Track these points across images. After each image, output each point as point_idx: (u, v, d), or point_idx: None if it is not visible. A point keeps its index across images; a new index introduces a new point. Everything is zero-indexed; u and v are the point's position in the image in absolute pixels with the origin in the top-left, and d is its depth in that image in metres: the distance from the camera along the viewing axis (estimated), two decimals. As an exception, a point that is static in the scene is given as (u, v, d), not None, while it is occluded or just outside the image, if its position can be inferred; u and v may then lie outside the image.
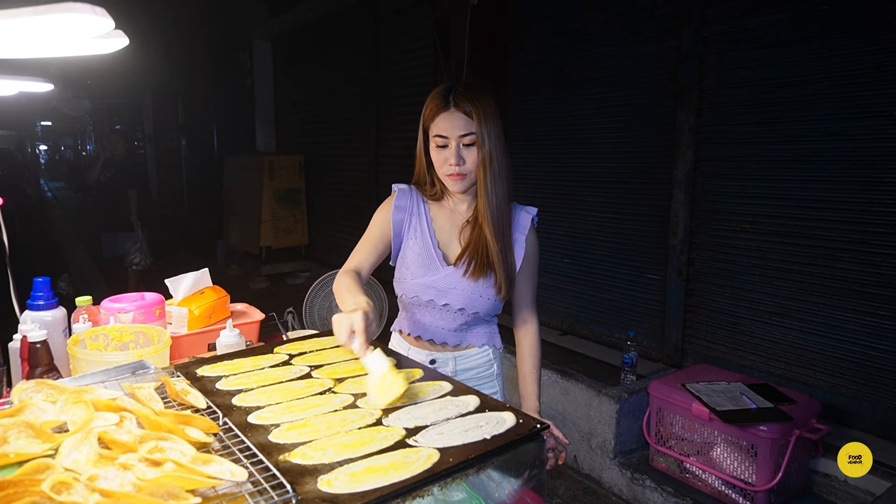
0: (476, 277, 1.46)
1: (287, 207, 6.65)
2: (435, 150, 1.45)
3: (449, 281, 1.49)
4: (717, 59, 2.90)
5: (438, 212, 1.56)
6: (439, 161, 1.45)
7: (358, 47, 5.70)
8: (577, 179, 3.66)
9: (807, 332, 2.66)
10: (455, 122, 1.40)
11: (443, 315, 1.53)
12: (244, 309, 1.97)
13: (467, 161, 1.42)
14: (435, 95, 1.44)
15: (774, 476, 2.25)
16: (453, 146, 1.41)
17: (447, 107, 1.40)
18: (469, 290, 1.48)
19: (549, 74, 3.77)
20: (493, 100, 1.43)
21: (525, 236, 1.52)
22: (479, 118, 1.38)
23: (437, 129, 1.42)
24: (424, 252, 1.51)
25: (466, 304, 1.49)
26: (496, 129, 1.41)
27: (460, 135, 1.40)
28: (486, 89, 1.44)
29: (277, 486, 0.82)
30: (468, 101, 1.39)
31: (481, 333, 1.58)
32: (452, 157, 1.41)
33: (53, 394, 1.02)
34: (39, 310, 1.54)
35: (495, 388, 1.62)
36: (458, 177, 1.43)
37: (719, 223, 2.96)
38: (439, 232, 1.54)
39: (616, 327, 3.51)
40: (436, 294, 1.50)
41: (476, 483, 1.05)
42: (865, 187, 2.45)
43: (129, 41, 0.93)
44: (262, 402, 1.10)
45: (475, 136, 1.39)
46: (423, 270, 1.51)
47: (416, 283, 1.51)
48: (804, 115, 2.60)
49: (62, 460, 0.82)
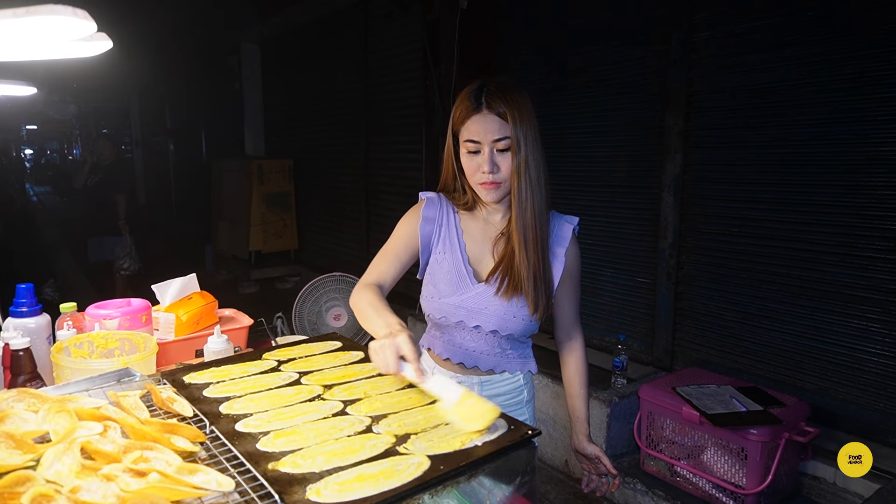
0: (509, 296, 1.33)
1: (276, 211, 6.62)
2: (466, 156, 1.31)
3: (480, 300, 1.36)
4: (705, 63, 2.92)
5: (470, 223, 1.42)
6: (471, 169, 1.31)
7: (347, 51, 5.69)
8: (567, 183, 3.66)
9: (795, 335, 2.68)
10: (488, 125, 1.26)
11: (474, 337, 1.40)
12: (232, 314, 1.95)
13: (502, 168, 1.28)
14: (465, 96, 1.30)
15: (764, 479, 2.25)
16: (486, 152, 1.27)
17: (479, 108, 1.27)
18: (502, 311, 1.35)
19: (539, 78, 3.78)
20: (528, 99, 1.29)
21: (565, 249, 1.38)
22: (515, 120, 1.25)
23: (468, 134, 1.29)
24: (454, 269, 1.39)
25: (499, 326, 1.37)
26: (533, 131, 1.27)
27: (494, 139, 1.26)
28: (521, 88, 1.30)
29: (265, 495, 0.81)
30: (502, 101, 1.25)
31: (515, 358, 1.45)
32: (486, 164, 1.27)
33: (35, 403, 1.00)
34: (22, 316, 1.51)
35: (525, 415, 1.48)
36: (493, 185, 1.30)
37: (708, 227, 2.98)
38: (471, 246, 1.41)
39: (606, 331, 3.51)
40: (466, 315, 1.38)
41: (467, 490, 1.04)
42: (852, 191, 2.47)
43: (112, 44, 0.92)
44: (251, 409, 1.08)
45: (510, 140, 1.26)
46: (452, 289, 1.38)
47: (445, 302, 1.39)
48: (791, 119, 2.62)
49: (44, 472, 0.80)
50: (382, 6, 5.05)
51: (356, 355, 1.36)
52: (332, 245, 6.35)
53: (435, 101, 4.10)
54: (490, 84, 1.29)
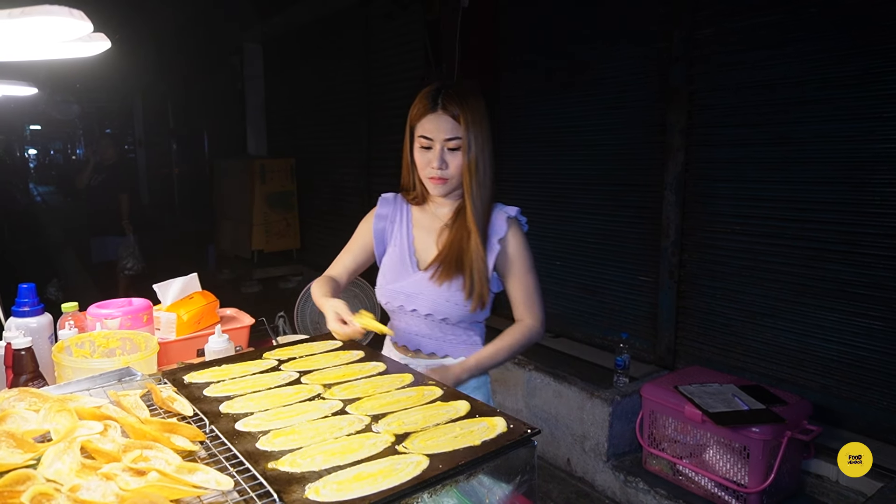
0: (441, 281, 1.43)
1: (278, 211, 6.63)
2: (419, 150, 1.43)
3: (417, 286, 1.47)
4: (707, 61, 2.91)
5: (420, 216, 1.55)
6: (422, 162, 1.43)
7: (348, 51, 5.69)
8: (569, 182, 3.66)
9: (798, 334, 2.67)
10: (441, 124, 1.38)
11: (414, 321, 1.51)
12: (234, 314, 1.95)
13: (450, 165, 1.40)
14: (423, 96, 1.42)
15: (767, 477, 2.25)
16: (437, 149, 1.39)
17: (434, 108, 1.39)
18: (435, 295, 1.45)
19: (540, 77, 3.77)
20: (482, 104, 1.41)
21: (499, 238, 1.46)
22: (467, 122, 1.37)
23: (422, 130, 1.41)
24: (399, 258, 1.51)
25: (433, 310, 1.46)
26: (483, 134, 1.40)
27: (446, 138, 1.38)
28: (477, 93, 1.43)
29: (264, 494, 0.81)
30: (457, 104, 1.37)
31: (457, 343, 1.51)
32: (435, 161, 1.40)
33: (36, 402, 1.01)
34: (24, 316, 1.52)
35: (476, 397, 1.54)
36: (440, 181, 1.42)
37: (710, 225, 2.97)
38: (419, 237, 1.53)
39: (608, 330, 3.51)
40: (405, 299, 1.49)
41: (467, 489, 1.04)
42: (856, 189, 2.46)
43: (111, 44, 0.92)
44: (250, 408, 1.08)
45: (461, 140, 1.38)
46: (394, 276, 1.51)
47: (388, 288, 1.51)
48: (794, 117, 2.61)
49: (44, 471, 0.80)
50: (383, 6, 5.05)
51: (356, 354, 1.36)
52: (334, 244, 6.30)
53: (437, 101, 4.10)
54: (447, 87, 1.40)
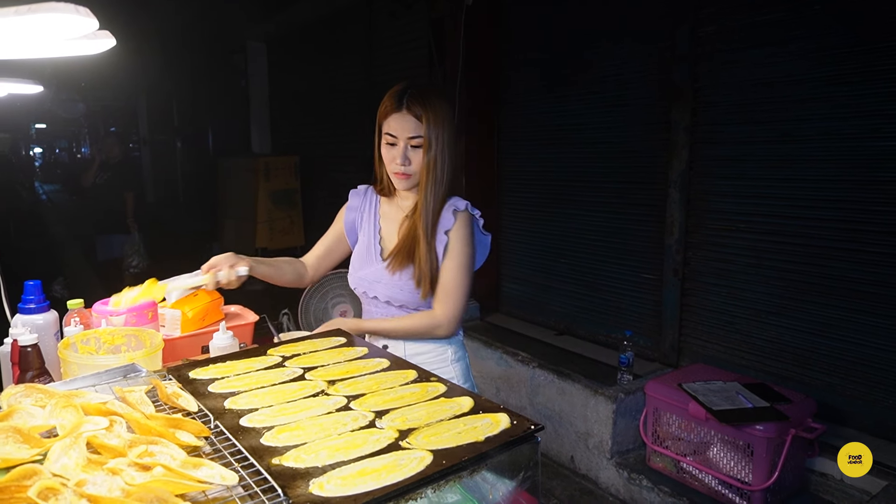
0: (395, 270, 1.55)
1: (282, 209, 6.63)
2: (385, 147, 1.53)
3: (377, 274, 1.59)
4: (710, 58, 2.90)
5: (388, 208, 1.66)
6: (388, 158, 1.54)
7: (352, 49, 5.69)
8: (573, 179, 3.65)
9: (803, 332, 2.66)
10: (405, 123, 1.48)
11: (376, 306, 1.63)
12: (238, 311, 1.96)
13: (413, 162, 1.50)
14: (391, 95, 1.51)
15: (771, 475, 2.25)
16: (401, 146, 1.49)
17: (399, 108, 1.48)
18: (390, 283, 1.56)
19: (544, 74, 3.76)
20: (446, 105, 1.51)
21: (446, 230, 1.55)
22: (429, 122, 1.46)
23: (388, 128, 1.51)
24: (366, 247, 1.64)
25: (390, 297, 1.58)
26: (445, 134, 1.49)
27: (409, 136, 1.48)
28: (442, 95, 1.53)
29: (268, 489, 0.81)
30: (420, 105, 1.46)
31: None
32: (399, 157, 1.50)
33: (43, 398, 1.01)
34: (30, 313, 1.52)
35: (450, 374, 1.60)
36: (404, 176, 1.52)
37: (715, 223, 2.96)
38: (385, 227, 1.65)
39: (612, 327, 3.50)
40: (367, 286, 1.61)
41: (470, 485, 1.05)
42: (860, 186, 2.45)
43: (116, 42, 0.92)
44: (255, 404, 1.09)
45: (423, 139, 1.48)
46: (360, 264, 1.64)
47: (355, 276, 1.64)
48: (798, 114, 2.60)
49: (50, 466, 0.80)
50: (387, 4, 5.05)
51: (360, 351, 1.37)
52: (338, 242, 6.35)
53: (440, 98, 4.09)
54: (413, 88, 1.49)
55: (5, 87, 1.73)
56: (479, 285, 4.09)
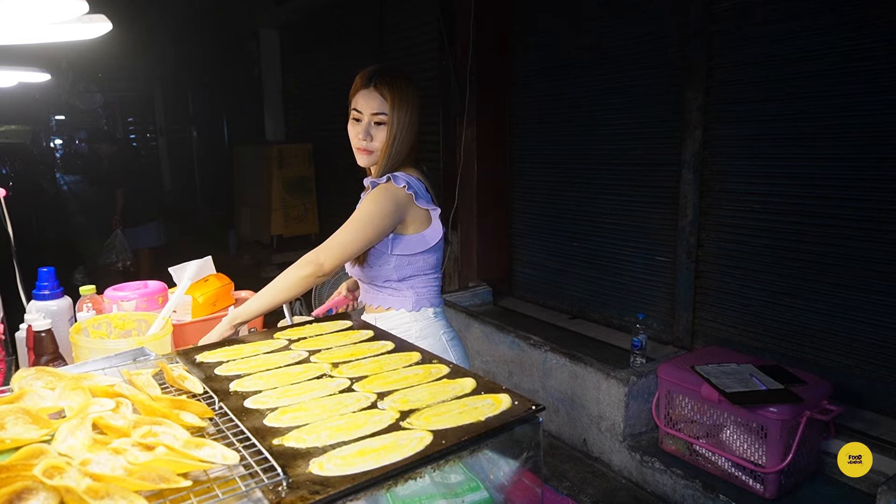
0: None
1: (297, 196, 6.66)
2: (351, 122, 1.59)
3: None
4: (726, 36, 2.83)
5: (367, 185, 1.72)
6: (352, 134, 1.59)
7: (363, 34, 5.66)
8: (585, 161, 3.62)
9: (819, 313, 2.62)
10: (371, 100, 1.54)
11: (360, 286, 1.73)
12: (248, 296, 1.97)
13: (375, 139, 1.56)
14: (362, 74, 1.57)
15: (785, 457, 2.23)
16: (365, 122, 1.55)
17: (367, 86, 1.54)
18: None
19: (556, 55, 3.72)
20: (414, 90, 1.57)
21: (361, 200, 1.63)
22: (394, 103, 1.53)
23: (355, 104, 1.57)
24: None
25: (356, 274, 1.69)
26: (408, 116, 1.55)
27: (372, 112, 1.54)
28: (409, 79, 1.59)
29: (269, 469, 0.82)
30: (387, 85, 1.52)
31: (384, 297, 1.67)
32: (361, 132, 1.56)
33: (53, 381, 1.03)
34: (45, 299, 1.56)
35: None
36: (365, 152, 1.58)
37: (729, 204, 2.92)
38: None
39: (626, 310, 3.48)
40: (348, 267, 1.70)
41: (474, 465, 1.05)
42: (879, 164, 2.39)
43: (111, 25, 0.92)
44: (260, 386, 1.10)
45: (386, 117, 1.53)
46: None
47: None
48: (815, 91, 2.54)
49: (57, 446, 0.82)
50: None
51: (366, 334, 1.38)
52: (352, 228, 6.37)
53: (451, 82, 4.06)
54: (383, 69, 1.56)
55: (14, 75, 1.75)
56: (491, 269, 4.09)
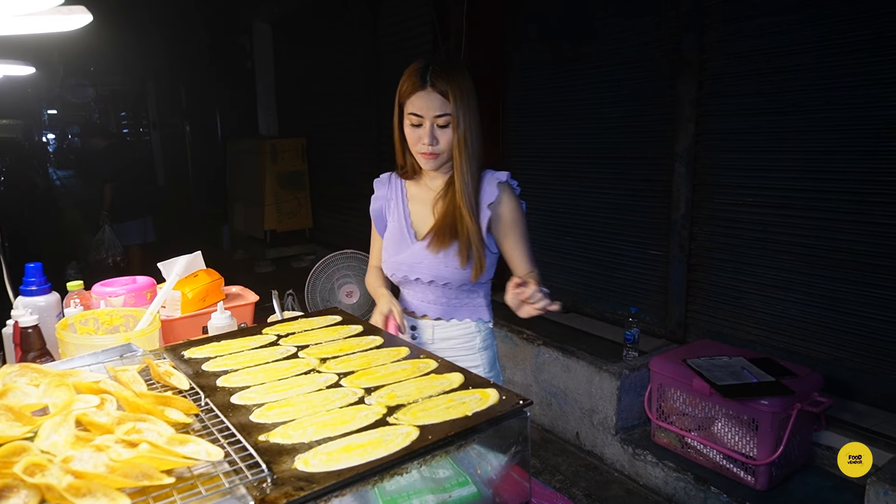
0: (437, 249, 1.50)
1: (290, 191, 6.64)
2: (409, 127, 1.46)
3: (416, 255, 1.54)
4: (718, 29, 2.83)
5: (415, 190, 1.61)
6: (413, 139, 1.47)
7: (357, 28, 5.63)
8: (578, 155, 3.61)
9: (810, 306, 2.63)
10: (431, 102, 1.40)
11: (420, 288, 1.57)
12: (239, 291, 1.97)
13: (441, 141, 1.44)
14: (412, 73, 1.43)
15: (776, 449, 2.24)
16: (427, 126, 1.42)
17: (424, 86, 1.40)
18: (433, 262, 1.51)
19: (549, 49, 3.70)
20: (469, 79, 1.44)
21: (490, 203, 1.50)
22: (455, 99, 1.40)
23: (412, 108, 1.43)
24: (398, 232, 1.58)
25: (435, 276, 1.52)
26: (471, 109, 1.43)
27: (435, 115, 1.41)
28: (463, 69, 1.46)
29: (254, 465, 0.82)
30: (445, 81, 1.39)
31: (462, 306, 1.58)
32: (426, 137, 1.43)
33: (37, 377, 1.02)
34: (32, 295, 1.55)
35: (477, 361, 1.59)
36: (431, 156, 1.46)
37: (721, 197, 2.92)
38: (414, 210, 1.59)
39: (619, 304, 3.49)
40: (408, 270, 1.55)
41: (462, 460, 1.05)
42: (869, 156, 2.40)
43: (91, 17, 0.91)
44: (247, 382, 1.10)
45: (450, 117, 1.41)
46: (395, 249, 1.58)
47: (391, 261, 1.59)
48: (806, 84, 2.54)
49: (40, 443, 0.82)
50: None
51: (355, 329, 1.37)
52: (346, 223, 6.37)
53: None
54: (435, 64, 1.42)
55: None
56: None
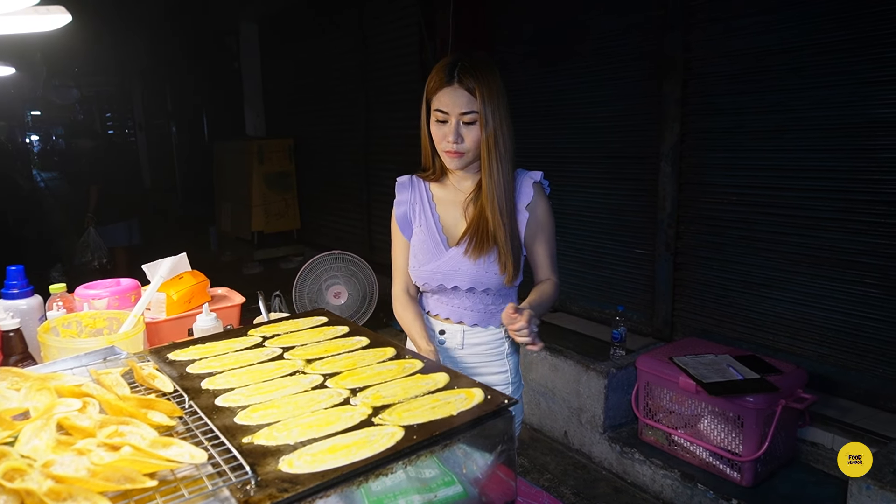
0: (476, 257, 1.44)
1: (277, 192, 6.61)
2: (435, 124, 1.42)
3: (453, 263, 1.47)
4: (703, 28, 2.85)
5: (442, 193, 1.54)
6: (438, 136, 1.42)
7: (344, 28, 5.62)
8: (564, 155, 3.63)
9: (794, 303, 2.66)
10: (457, 98, 1.36)
11: (457, 296, 1.51)
12: (225, 293, 1.96)
13: (466, 139, 1.39)
14: (440, 68, 1.39)
15: (761, 446, 2.26)
16: (453, 123, 1.38)
17: (451, 82, 1.36)
18: (473, 269, 1.45)
19: (535, 49, 3.72)
20: (499, 77, 1.39)
21: (527, 205, 1.46)
22: (483, 96, 1.35)
23: (438, 104, 1.39)
24: (429, 238, 1.51)
25: (475, 283, 1.46)
26: (501, 107, 1.38)
27: (461, 112, 1.36)
28: (493, 66, 1.40)
29: (237, 467, 0.82)
30: (473, 77, 1.34)
31: (497, 313, 1.52)
32: (451, 135, 1.38)
33: (18, 381, 1.01)
34: (13, 298, 1.53)
35: (505, 367, 1.55)
36: (456, 154, 1.41)
37: (707, 196, 2.94)
38: (444, 213, 1.52)
39: (606, 303, 3.50)
40: (443, 278, 1.49)
41: (448, 459, 1.05)
42: (851, 156, 2.43)
43: (70, 17, 0.90)
44: (231, 384, 1.09)
45: (477, 114, 1.36)
46: (427, 257, 1.50)
47: (423, 270, 1.50)
48: (790, 83, 2.57)
49: (21, 447, 0.81)
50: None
51: (341, 330, 1.37)
52: (334, 223, 6.35)
53: (431, 76, 4.04)
54: (464, 59, 1.37)
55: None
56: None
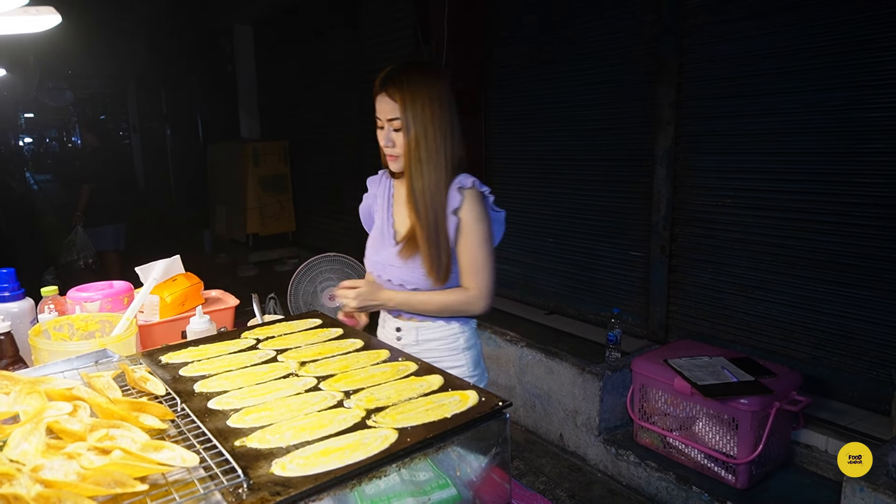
0: (407, 256, 1.50)
1: (272, 194, 6.60)
2: (378, 129, 1.51)
3: (390, 258, 1.55)
4: (697, 32, 2.86)
5: (400, 191, 1.60)
6: (379, 141, 1.52)
7: (339, 30, 5.62)
8: (559, 158, 3.63)
9: (788, 306, 2.67)
10: (384, 105, 1.45)
11: (394, 290, 1.56)
12: (219, 295, 1.95)
13: (397, 144, 1.47)
14: (378, 77, 1.48)
15: (755, 448, 2.26)
16: (386, 129, 1.47)
17: (380, 91, 1.46)
18: (403, 268, 1.52)
19: (530, 51, 3.72)
20: (434, 84, 1.44)
21: (454, 209, 1.47)
22: (405, 104, 1.42)
23: (376, 111, 1.49)
24: (379, 230, 1.60)
25: (404, 281, 1.53)
26: (424, 114, 1.42)
27: (388, 119, 1.45)
28: (429, 73, 1.46)
29: (230, 471, 0.81)
30: (396, 86, 1.42)
31: None
32: (382, 140, 1.49)
33: (8, 384, 1.00)
34: (4, 301, 1.51)
35: (461, 361, 1.58)
36: (391, 157, 1.50)
37: (701, 199, 2.95)
38: (398, 210, 1.59)
39: (601, 305, 3.51)
40: (382, 270, 1.57)
41: (442, 462, 1.05)
42: (845, 159, 2.44)
43: (60, 18, 0.90)
44: (224, 387, 1.08)
45: (400, 121, 1.43)
46: (375, 248, 1.60)
47: (371, 260, 1.61)
48: (784, 87, 2.58)
49: (9, 452, 0.80)
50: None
51: (335, 332, 1.36)
52: (329, 226, 6.33)
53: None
54: (395, 70, 1.45)
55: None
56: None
